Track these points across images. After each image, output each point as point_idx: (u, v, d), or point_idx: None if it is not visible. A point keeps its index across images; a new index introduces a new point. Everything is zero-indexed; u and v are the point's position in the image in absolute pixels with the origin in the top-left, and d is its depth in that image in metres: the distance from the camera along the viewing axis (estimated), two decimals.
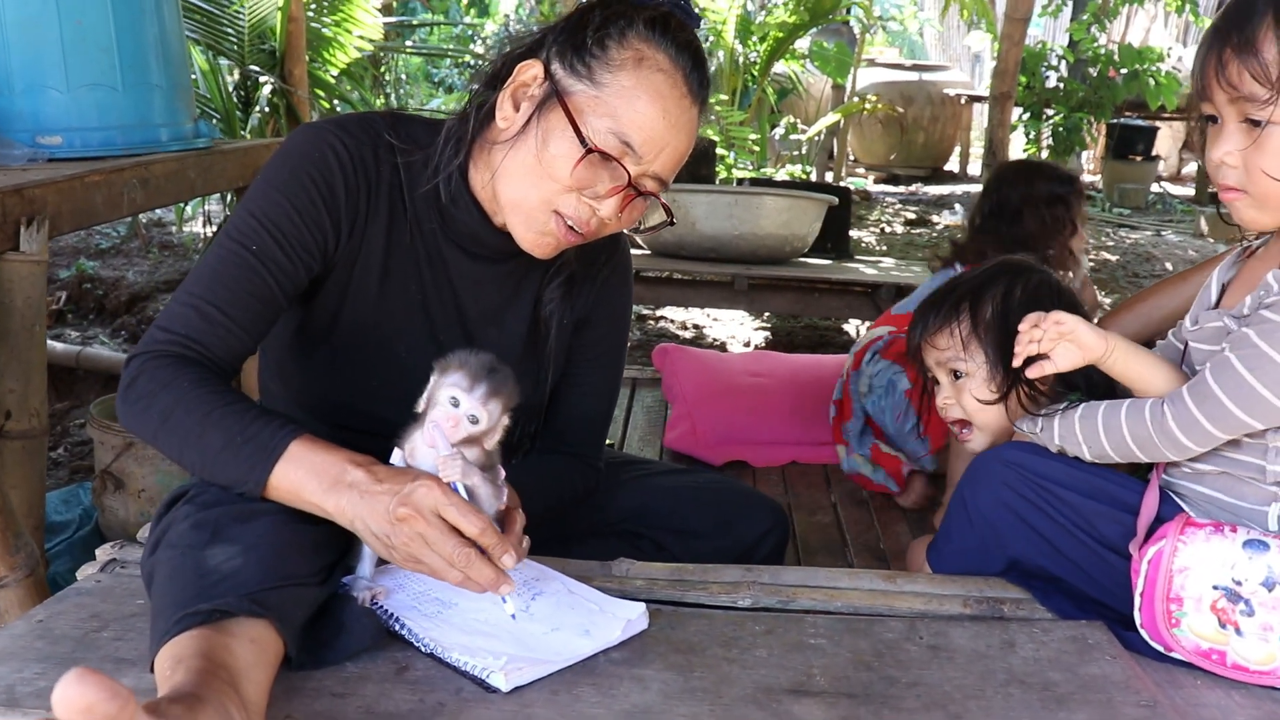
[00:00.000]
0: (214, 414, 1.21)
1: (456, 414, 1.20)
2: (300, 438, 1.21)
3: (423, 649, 1.21)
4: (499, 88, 1.36)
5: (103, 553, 1.47)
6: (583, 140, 1.28)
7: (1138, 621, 1.30)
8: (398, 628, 1.24)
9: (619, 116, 1.28)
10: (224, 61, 4.48)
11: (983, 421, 1.70)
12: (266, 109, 4.36)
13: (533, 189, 1.33)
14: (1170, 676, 1.27)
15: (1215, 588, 1.25)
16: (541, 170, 1.31)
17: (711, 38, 7.91)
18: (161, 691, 1.01)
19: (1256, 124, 1.25)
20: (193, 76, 3.55)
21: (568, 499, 1.59)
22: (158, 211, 6.07)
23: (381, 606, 1.26)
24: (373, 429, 1.38)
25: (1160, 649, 1.29)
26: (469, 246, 1.46)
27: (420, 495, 1.14)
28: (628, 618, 1.27)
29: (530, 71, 1.33)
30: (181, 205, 5.49)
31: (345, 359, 1.46)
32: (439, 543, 1.14)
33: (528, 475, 1.45)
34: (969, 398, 1.69)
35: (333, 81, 5.18)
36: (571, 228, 1.34)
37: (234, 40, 4.34)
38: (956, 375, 1.71)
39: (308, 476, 1.19)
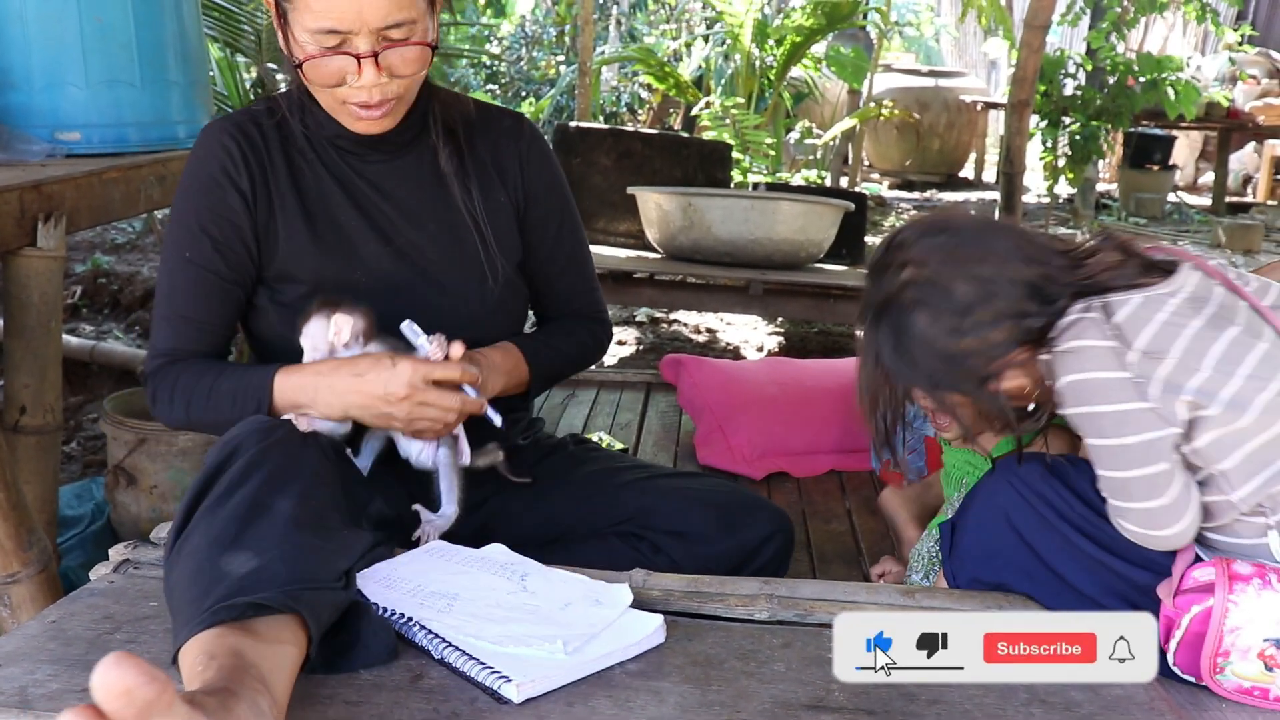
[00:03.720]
0: (215, 389, 1.49)
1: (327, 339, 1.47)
2: (278, 372, 1.47)
3: (434, 653, 1.20)
4: None
5: (116, 553, 1.46)
6: (294, 59, 1.43)
7: (1170, 660, 1.26)
8: (418, 631, 1.23)
9: (309, 12, 1.37)
10: (241, 59, 4.48)
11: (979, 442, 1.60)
12: None
13: (320, 98, 1.51)
14: (1194, 698, 1.25)
15: (1266, 640, 1.21)
16: (309, 86, 1.48)
17: (728, 41, 7.90)
18: (190, 687, 1.01)
19: None
20: (210, 74, 3.54)
21: (586, 349, 1.80)
22: None
23: (399, 613, 1.25)
24: None
25: (1191, 680, 1.27)
26: (366, 153, 1.59)
27: (408, 374, 1.40)
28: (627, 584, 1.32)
29: (270, 3, 1.45)
30: None
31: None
32: (440, 400, 1.43)
33: (540, 340, 1.71)
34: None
35: None
36: (364, 105, 1.46)
37: (251, 37, 4.32)
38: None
39: (296, 394, 1.45)
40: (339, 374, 1.44)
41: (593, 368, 2.31)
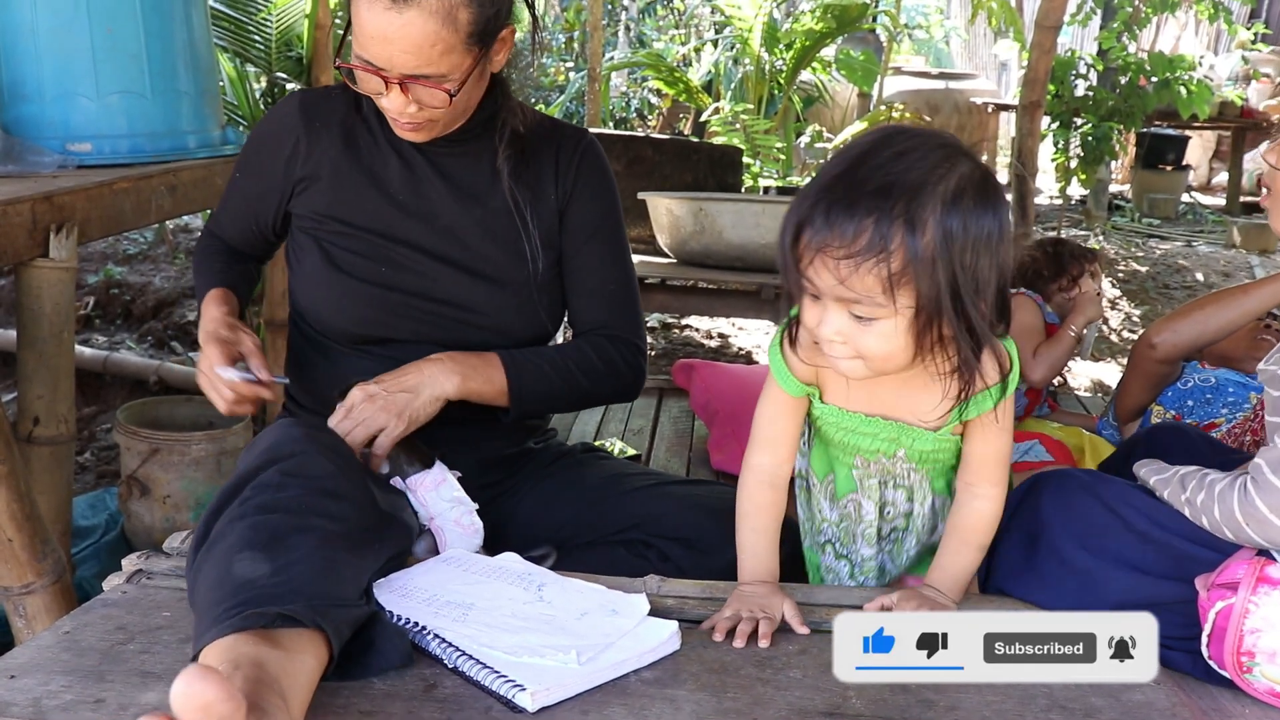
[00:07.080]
0: (196, 279, 1.78)
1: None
2: (213, 289, 1.69)
3: (448, 662, 1.20)
4: None
5: (129, 563, 1.46)
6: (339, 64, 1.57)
7: (1205, 654, 1.24)
8: (431, 640, 1.22)
9: (357, 39, 1.49)
10: (251, 69, 4.48)
11: (879, 364, 1.27)
12: None
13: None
14: (1216, 704, 1.24)
15: None
16: None
17: (738, 45, 7.89)
18: None
19: None
20: (220, 83, 3.55)
21: (614, 370, 1.72)
22: (185, 217, 6.10)
23: (413, 622, 1.24)
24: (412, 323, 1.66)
25: (1227, 676, 1.24)
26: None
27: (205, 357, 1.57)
28: (643, 592, 1.32)
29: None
30: (208, 211, 5.52)
31: (363, 253, 1.66)
32: (209, 375, 1.55)
33: (535, 353, 1.67)
34: (872, 340, 1.24)
35: None
36: (396, 119, 1.58)
37: (261, 47, 4.33)
38: (859, 316, 1.24)
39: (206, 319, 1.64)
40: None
41: None
